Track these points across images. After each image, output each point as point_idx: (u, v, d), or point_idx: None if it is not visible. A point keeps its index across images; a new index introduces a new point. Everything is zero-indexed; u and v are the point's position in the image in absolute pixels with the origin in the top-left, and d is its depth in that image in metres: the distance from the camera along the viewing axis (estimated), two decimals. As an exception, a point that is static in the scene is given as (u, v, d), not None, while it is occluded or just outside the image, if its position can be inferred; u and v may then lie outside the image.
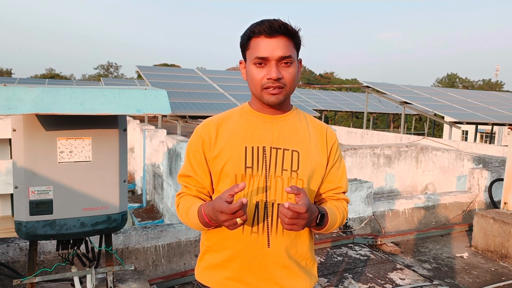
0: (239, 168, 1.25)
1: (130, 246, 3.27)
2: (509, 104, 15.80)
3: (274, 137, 1.29)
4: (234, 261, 1.27)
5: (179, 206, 1.35)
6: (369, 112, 23.61)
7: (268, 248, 1.25)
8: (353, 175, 7.87)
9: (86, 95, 1.88)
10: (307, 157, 1.30)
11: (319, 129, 1.38)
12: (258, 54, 1.20)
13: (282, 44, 1.20)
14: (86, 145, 2.08)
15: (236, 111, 1.36)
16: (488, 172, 5.23)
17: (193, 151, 1.33)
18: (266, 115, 1.31)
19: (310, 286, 1.35)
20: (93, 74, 65.87)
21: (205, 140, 1.30)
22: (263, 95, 1.24)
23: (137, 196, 10.11)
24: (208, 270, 1.33)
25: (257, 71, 1.22)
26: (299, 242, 1.32)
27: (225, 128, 1.31)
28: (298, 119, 1.36)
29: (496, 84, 58.21)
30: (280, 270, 1.27)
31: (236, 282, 1.28)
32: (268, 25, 1.19)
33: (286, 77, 1.22)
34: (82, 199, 2.08)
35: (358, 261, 3.61)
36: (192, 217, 1.25)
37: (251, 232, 1.25)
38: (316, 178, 1.32)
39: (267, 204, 1.25)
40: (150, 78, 12.50)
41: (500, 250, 3.96)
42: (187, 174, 1.35)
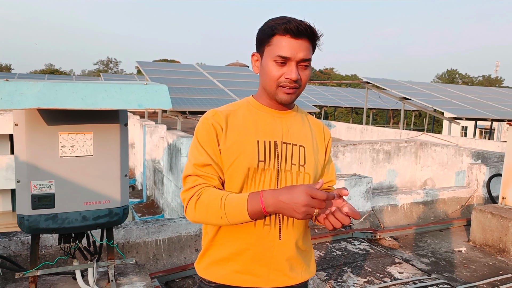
0: (252, 161, 1.26)
1: (131, 240, 3.30)
2: (508, 100, 15.81)
3: (284, 132, 1.32)
4: (245, 254, 1.27)
5: (201, 198, 1.20)
6: (369, 108, 23.63)
7: (280, 240, 1.28)
8: (352, 170, 7.90)
9: (88, 90, 1.90)
10: (312, 152, 1.35)
11: (317, 126, 1.44)
12: (281, 53, 1.21)
13: (305, 47, 1.23)
14: (87, 139, 2.10)
15: (242, 104, 1.36)
16: (487, 168, 5.26)
17: (207, 140, 1.26)
18: (275, 110, 1.34)
19: (311, 275, 1.40)
20: (93, 70, 65.79)
21: (217, 129, 1.27)
22: (278, 92, 1.26)
23: (137, 192, 10.14)
24: (214, 265, 1.32)
25: (276, 68, 1.24)
26: (305, 234, 1.37)
27: (234, 121, 1.30)
28: (301, 116, 1.41)
29: (496, 80, 58.15)
30: (288, 262, 1.31)
31: (246, 275, 1.28)
32: (295, 25, 1.20)
33: (303, 79, 1.26)
34: (83, 193, 2.11)
35: (357, 255, 3.64)
36: (233, 207, 1.16)
37: (264, 225, 1.26)
38: (319, 172, 1.39)
39: None
40: (150, 73, 12.49)
41: (498, 244, 3.99)
42: (206, 163, 1.25)
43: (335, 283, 3.05)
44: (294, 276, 1.33)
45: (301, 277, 1.35)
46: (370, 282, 3.07)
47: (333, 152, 7.80)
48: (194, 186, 1.23)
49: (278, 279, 1.30)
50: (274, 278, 1.30)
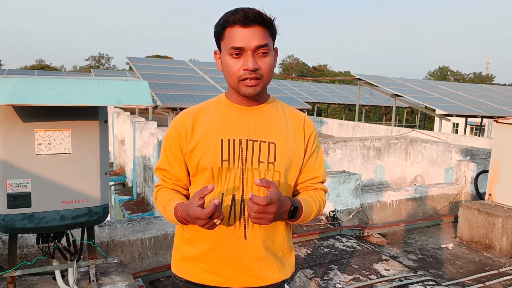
0: (215, 161, 1.24)
1: (116, 239, 3.25)
2: (498, 97, 15.93)
3: (251, 129, 1.27)
4: (211, 254, 1.27)
5: (157, 198, 1.35)
6: (362, 105, 23.67)
7: (245, 241, 1.25)
8: (343, 167, 7.90)
9: (64, 86, 1.85)
10: (284, 148, 1.29)
11: (297, 119, 1.37)
12: (234, 44, 1.17)
13: (258, 33, 1.18)
14: (65, 137, 2.05)
15: (212, 102, 1.34)
16: (475, 164, 5.28)
17: (169, 144, 1.32)
18: (243, 106, 1.29)
19: (286, 276, 1.36)
20: (84, 66, 65.17)
21: (181, 134, 1.29)
22: (240, 87, 1.22)
23: (128, 189, 10.06)
24: (185, 262, 1.33)
25: (233, 62, 1.20)
26: (276, 234, 1.32)
27: (201, 121, 1.29)
28: (276, 110, 1.34)
29: (487, 77, 58.65)
30: (256, 262, 1.28)
31: (213, 275, 1.28)
32: (242, 14, 1.16)
33: (263, 68, 1.20)
34: (61, 192, 2.06)
35: (344, 252, 3.63)
36: (169, 214, 1.26)
37: (228, 225, 1.25)
38: (293, 170, 1.32)
39: (243, 197, 1.24)
40: (140, 69, 12.38)
41: (484, 241, 4.01)
42: (163, 168, 1.34)
43: (321, 281, 3.04)
44: (263, 276, 1.30)
45: (272, 278, 1.31)
46: (356, 279, 3.07)
47: (324, 148, 7.80)
48: (157, 186, 1.37)
49: (245, 279, 1.28)
50: (241, 279, 1.28)
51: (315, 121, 16.09)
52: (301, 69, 63.60)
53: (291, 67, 64.78)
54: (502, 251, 3.91)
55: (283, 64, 66.86)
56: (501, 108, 13.56)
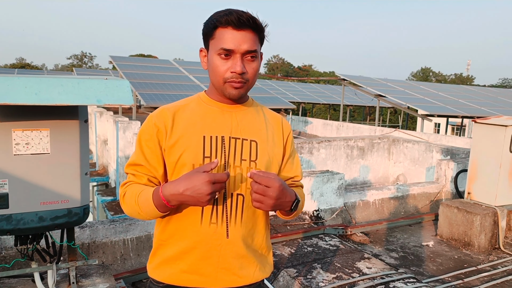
0: (197, 157, 1.23)
1: (97, 240, 3.21)
2: (478, 97, 16.30)
3: (233, 127, 1.28)
4: (192, 253, 1.25)
5: (126, 194, 1.26)
6: (346, 105, 23.90)
7: (227, 239, 1.25)
8: (327, 166, 7.96)
9: (43, 84, 1.81)
10: (264, 147, 1.31)
11: (275, 120, 1.39)
12: (224, 45, 1.18)
13: (249, 38, 1.19)
14: (44, 136, 2.01)
15: (193, 99, 1.34)
16: (455, 163, 5.39)
17: (146, 139, 1.27)
18: (225, 104, 1.30)
19: (266, 275, 1.36)
20: (66, 64, 64.06)
21: (160, 129, 1.26)
22: (226, 87, 1.22)
23: (111, 189, 9.93)
24: (163, 265, 1.29)
25: (221, 63, 1.20)
26: (256, 232, 1.32)
27: (181, 117, 1.28)
28: (255, 110, 1.36)
29: (467, 78, 59.93)
30: (238, 260, 1.27)
31: (193, 275, 1.26)
32: (236, 16, 1.16)
33: (249, 72, 1.22)
34: (40, 193, 2.02)
35: (327, 251, 3.66)
36: (144, 202, 1.19)
37: (210, 223, 1.24)
38: (273, 168, 1.33)
39: (225, 195, 1.24)
40: (124, 69, 12.24)
41: (463, 238, 4.09)
42: (138, 163, 1.28)
43: (305, 280, 3.06)
44: (244, 275, 1.29)
45: (253, 277, 1.31)
46: (339, 278, 3.10)
47: (308, 148, 7.85)
48: (124, 184, 1.29)
49: (226, 278, 1.27)
50: (223, 278, 1.27)
51: (300, 121, 16.18)
52: (286, 69, 63.83)
53: (277, 67, 64.96)
54: (481, 248, 4.00)
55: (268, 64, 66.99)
56: (480, 108, 13.87)
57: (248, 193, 1.26)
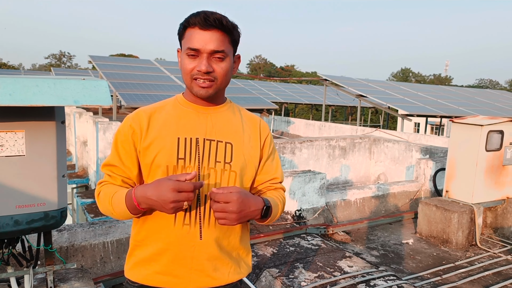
0: (171, 159, 1.23)
1: (76, 243, 3.15)
2: (456, 98, 16.69)
3: (208, 129, 1.28)
4: (165, 254, 1.26)
5: (100, 194, 1.29)
6: (328, 105, 24.12)
7: (200, 240, 1.25)
8: (309, 166, 8.02)
9: (17, 85, 1.77)
10: (240, 149, 1.31)
11: (252, 122, 1.39)
12: (191, 45, 1.20)
13: (216, 38, 1.20)
14: (19, 138, 1.96)
15: (169, 101, 1.34)
16: (433, 162, 5.50)
17: (122, 141, 1.29)
18: (200, 106, 1.30)
19: (241, 276, 1.36)
20: (44, 64, 62.64)
21: (135, 131, 1.27)
22: (193, 86, 1.24)
23: (91, 191, 9.76)
24: (138, 266, 1.30)
25: (188, 62, 1.22)
26: (231, 234, 1.32)
27: (157, 119, 1.28)
28: (232, 112, 1.36)
29: (446, 78, 61.31)
30: (211, 262, 1.28)
31: (166, 276, 1.26)
32: (203, 17, 1.18)
33: (217, 71, 1.22)
34: (15, 196, 1.97)
35: (309, 250, 3.69)
36: (117, 203, 1.21)
37: (183, 224, 1.24)
38: (249, 171, 1.33)
39: (199, 196, 1.25)
40: (104, 68, 12.04)
41: (442, 235, 4.18)
42: (112, 164, 1.29)
43: (287, 279, 3.07)
44: (218, 277, 1.29)
45: (227, 278, 1.31)
46: (320, 277, 3.12)
47: (290, 148, 7.88)
48: (100, 183, 1.32)
49: (199, 279, 1.27)
50: (196, 279, 1.27)
51: (283, 121, 16.24)
52: (268, 69, 63.99)
53: (259, 67, 65.05)
54: (458, 245, 4.09)
55: (251, 64, 67.04)
56: (458, 108, 14.21)
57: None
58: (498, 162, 4.30)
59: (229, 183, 1.28)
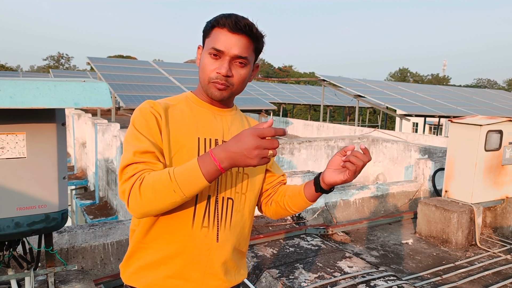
0: (191, 158, 1.17)
1: (76, 245, 3.15)
2: (454, 97, 16.73)
3: (225, 131, 1.28)
4: (179, 257, 1.20)
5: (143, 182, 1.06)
6: (326, 105, 24.13)
7: (217, 243, 1.23)
8: (308, 167, 8.02)
9: (17, 87, 1.77)
10: None
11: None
12: (216, 45, 1.18)
13: (242, 44, 1.19)
14: (19, 140, 1.96)
15: (180, 99, 1.30)
16: (432, 162, 5.52)
17: (147, 127, 1.16)
18: (215, 107, 1.30)
19: (243, 277, 1.37)
20: (42, 66, 62.53)
21: (157, 117, 1.19)
22: (209, 87, 1.22)
23: (90, 193, 9.75)
24: (143, 271, 1.22)
25: (210, 62, 1.20)
26: (242, 236, 1.32)
27: (174, 115, 1.23)
28: (240, 116, 1.39)
29: (443, 78, 61.42)
30: (224, 265, 1.27)
31: (179, 280, 1.21)
32: (234, 20, 1.17)
33: (235, 77, 1.21)
34: (16, 198, 1.97)
35: (309, 251, 3.69)
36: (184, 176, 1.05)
37: (202, 227, 1.20)
38: (258, 173, 1.35)
39: (217, 198, 1.23)
40: (102, 70, 12.03)
41: (441, 235, 4.19)
42: (148, 150, 1.13)
43: (287, 280, 3.07)
44: (228, 279, 1.29)
45: (234, 280, 1.32)
46: (321, 277, 3.12)
47: (289, 149, 7.89)
48: (134, 174, 1.09)
49: (212, 283, 1.25)
50: (209, 283, 1.24)
51: (281, 121, 16.25)
52: (266, 70, 64.01)
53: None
54: (458, 245, 4.10)
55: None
56: (456, 108, 14.24)
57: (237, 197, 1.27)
58: (497, 162, 4.31)
59: (242, 185, 1.29)
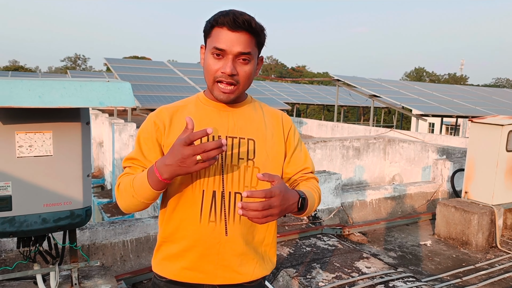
0: None
1: (97, 242, 3.21)
2: (472, 97, 16.43)
3: (230, 126, 1.29)
4: (192, 251, 1.28)
5: (120, 184, 1.25)
6: (340, 105, 23.98)
7: (226, 237, 1.26)
8: (323, 167, 8.00)
9: (46, 87, 1.82)
10: (263, 145, 1.31)
11: (274, 117, 1.39)
12: (217, 45, 1.19)
13: (243, 40, 1.19)
14: (46, 139, 2.01)
15: (191, 100, 1.35)
16: (451, 163, 5.44)
17: (145, 137, 1.29)
18: (221, 104, 1.30)
19: (266, 272, 1.36)
20: (60, 67, 63.69)
21: (159, 127, 1.28)
22: (214, 89, 1.23)
23: (107, 191, 9.90)
24: (165, 261, 1.32)
25: (213, 62, 1.21)
26: (256, 229, 1.33)
27: (179, 117, 1.29)
28: (253, 108, 1.36)
29: (461, 78, 60.39)
30: (237, 258, 1.29)
31: (193, 272, 1.29)
32: (232, 18, 1.17)
33: (241, 74, 1.21)
34: (43, 195, 2.02)
35: (326, 251, 3.68)
36: (139, 183, 1.17)
37: (209, 221, 1.25)
38: (273, 167, 1.32)
39: (223, 193, 1.26)
40: (118, 70, 12.20)
41: (461, 237, 4.14)
42: (134, 157, 1.29)
43: (304, 280, 3.08)
44: (244, 272, 1.30)
45: (253, 274, 1.32)
46: (338, 277, 3.12)
47: (305, 149, 7.87)
48: (121, 176, 1.29)
49: (226, 275, 1.29)
50: (222, 275, 1.29)
51: (295, 121, 16.21)
52: (280, 70, 63.95)
53: (270, 68, 65.05)
54: (478, 246, 4.04)
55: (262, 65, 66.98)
56: (475, 108, 14.00)
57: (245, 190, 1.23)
58: (518, 163, 4.23)
59: (252, 179, 1.28)
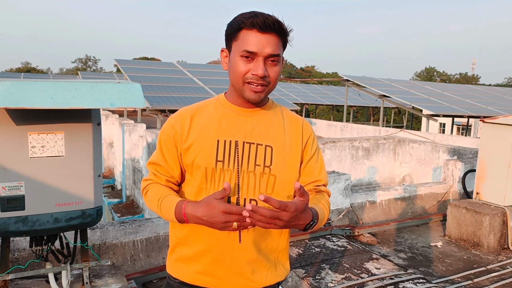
0: (209, 161, 1.24)
1: (108, 241, 3.24)
2: (484, 97, 16.23)
3: (248, 132, 1.27)
4: (206, 255, 1.28)
5: (148, 193, 1.34)
6: (349, 106, 23.87)
7: (240, 243, 1.26)
8: (332, 167, 7.96)
9: (58, 88, 1.85)
10: (280, 152, 1.29)
11: (295, 123, 1.36)
12: (248, 47, 1.17)
13: (273, 42, 1.19)
14: (58, 139, 2.04)
15: (212, 102, 1.34)
16: (462, 164, 5.38)
17: (165, 140, 1.32)
18: (241, 108, 1.29)
19: (279, 279, 1.35)
20: (71, 68, 64.43)
21: (177, 131, 1.28)
22: (245, 89, 1.21)
23: (117, 191, 9.99)
24: (179, 263, 1.32)
25: (242, 64, 1.19)
26: (269, 236, 1.32)
27: (199, 119, 1.29)
28: (274, 113, 1.34)
29: (473, 77, 59.63)
30: (250, 265, 1.28)
31: (207, 276, 1.28)
32: (262, 19, 1.16)
33: (271, 75, 1.21)
34: (55, 195, 2.06)
35: (335, 252, 3.67)
36: (166, 210, 1.24)
37: None
38: (290, 174, 1.30)
39: (239, 199, 1.24)
40: (128, 71, 12.30)
41: (472, 238, 4.09)
42: (157, 163, 1.34)
43: (313, 280, 3.07)
44: (256, 279, 1.30)
45: (265, 281, 1.31)
46: (348, 278, 3.11)
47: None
48: (147, 180, 1.37)
49: (239, 282, 1.28)
50: (235, 281, 1.28)
51: (304, 122, 16.14)
52: (289, 70, 63.84)
53: (280, 69, 64.81)
54: (490, 248, 3.99)
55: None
56: (486, 108, 13.82)
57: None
58: (531, 164, 4.17)
59: (267, 187, 1.26)
